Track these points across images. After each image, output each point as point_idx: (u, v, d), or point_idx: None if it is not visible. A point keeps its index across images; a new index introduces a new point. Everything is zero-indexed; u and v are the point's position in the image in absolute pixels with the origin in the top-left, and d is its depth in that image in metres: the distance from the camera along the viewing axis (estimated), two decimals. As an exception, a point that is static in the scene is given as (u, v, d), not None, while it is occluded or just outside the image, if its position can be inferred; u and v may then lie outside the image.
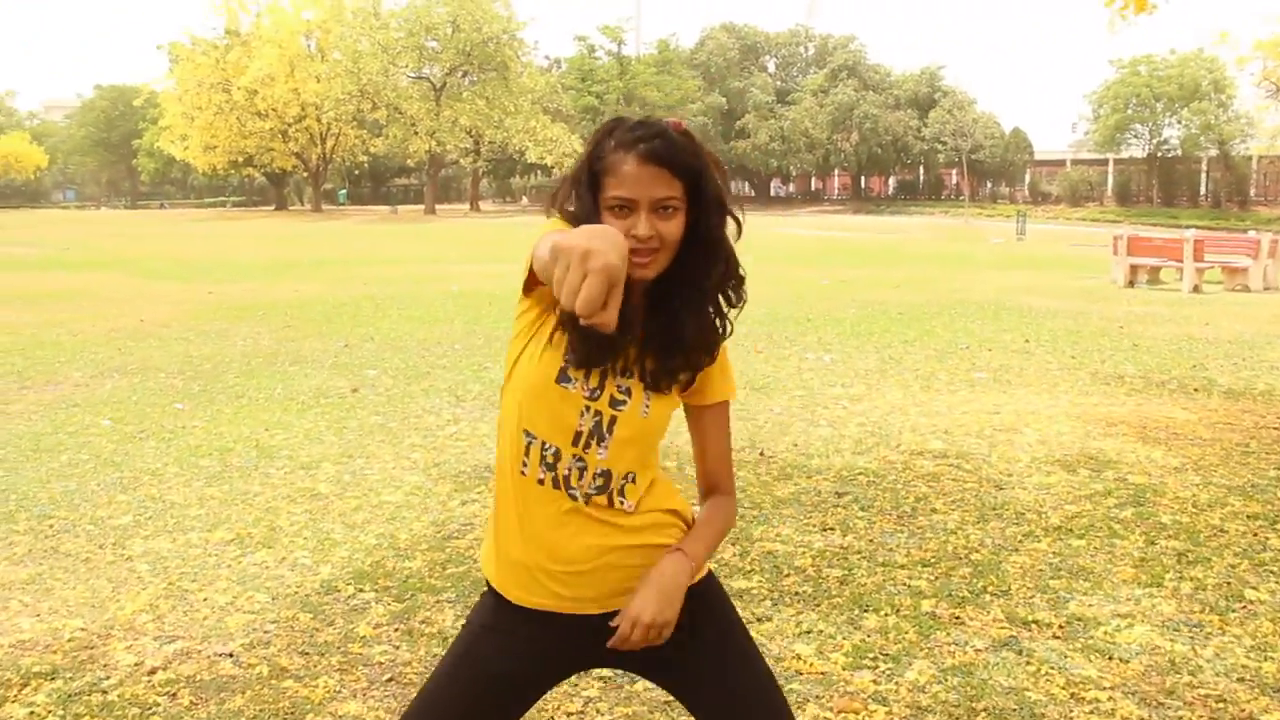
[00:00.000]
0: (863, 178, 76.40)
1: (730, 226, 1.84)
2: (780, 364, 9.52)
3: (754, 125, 71.55)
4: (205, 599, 4.07)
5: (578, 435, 1.79)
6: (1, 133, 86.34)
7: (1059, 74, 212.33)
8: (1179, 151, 62.68)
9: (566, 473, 1.80)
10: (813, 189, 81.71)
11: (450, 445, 6.45)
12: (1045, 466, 6.06)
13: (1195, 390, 8.40)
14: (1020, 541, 4.77)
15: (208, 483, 5.63)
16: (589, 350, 1.76)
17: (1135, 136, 64.17)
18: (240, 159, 67.14)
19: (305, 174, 71.45)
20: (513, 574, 1.88)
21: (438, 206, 66.26)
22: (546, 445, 1.80)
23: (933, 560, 4.51)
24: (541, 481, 1.81)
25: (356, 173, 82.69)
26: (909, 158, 71.69)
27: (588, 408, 1.79)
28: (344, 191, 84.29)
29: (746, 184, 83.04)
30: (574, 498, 1.81)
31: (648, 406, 1.82)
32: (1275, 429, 7.04)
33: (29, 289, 17.01)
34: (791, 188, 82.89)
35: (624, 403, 1.80)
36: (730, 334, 1.88)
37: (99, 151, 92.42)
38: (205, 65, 63.33)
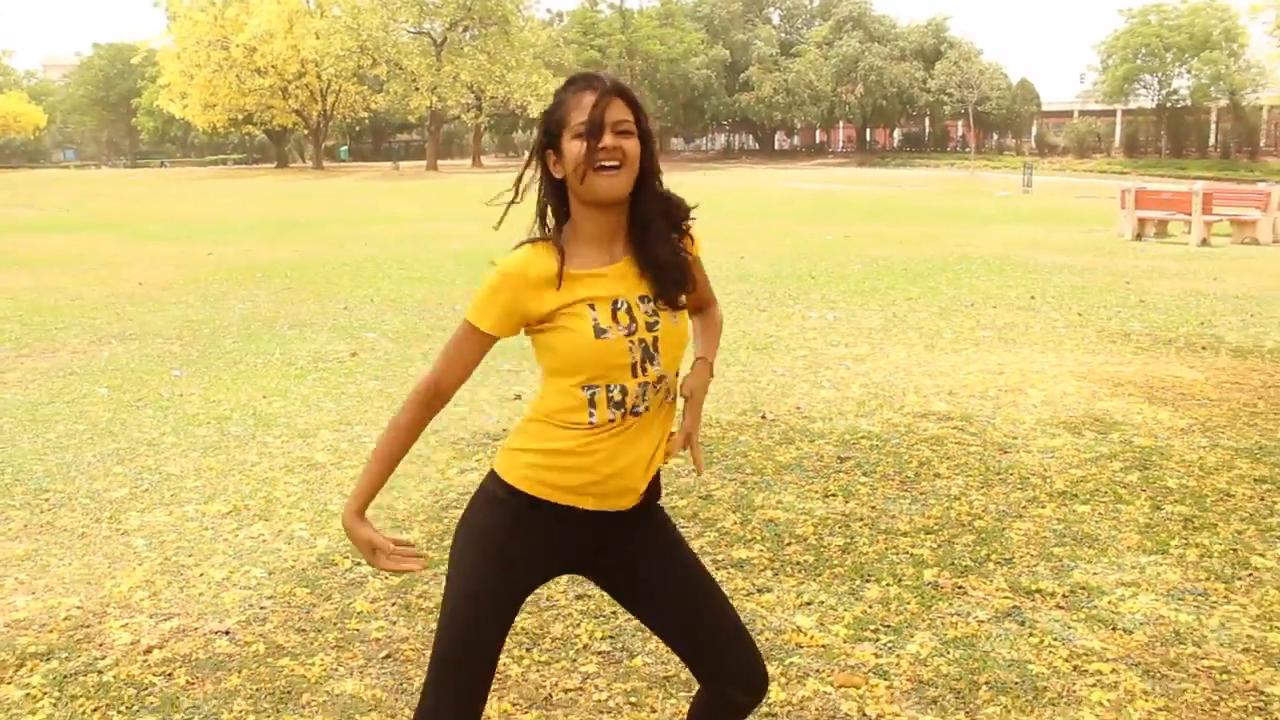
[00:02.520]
0: (868, 130, 75.75)
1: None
2: (783, 323, 9.44)
3: (758, 78, 70.78)
4: (201, 574, 4.04)
5: (634, 366, 1.96)
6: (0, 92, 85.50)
7: (1067, 24, 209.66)
8: (1188, 102, 61.87)
9: (635, 403, 1.97)
10: (817, 142, 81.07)
11: (448, 411, 6.24)
12: (1050, 429, 6.01)
13: (1203, 348, 8.31)
14: (1024, 507, 4.73)
15: (204, 453, 5.60)
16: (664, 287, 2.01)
17: (1144, 87, 63.32)
18: (240, 117, 66.62)
19: (306, 131, 70.99)
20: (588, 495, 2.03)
21: (440, 162, 65.84)
22: (611, 387, 1.96)
23: (935, 527, 4.47)
24: (612, 420, 1.97)
25: (358, 129, 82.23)
26: (914, 110, 70.95)
27: (632, 343, 1.96)
28: (345, 148, 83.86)
29: (750, 137, 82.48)
30: (638, 413, 1.98)
31: (675, 318, 2.04)
32: (1283, 388, 6.97)
33: (27, 253, 16.92)
34: (796, 140, 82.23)
35: (657, 324, 1.99)
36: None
37: (98, 110, 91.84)
38: (203, 22, 62.59)
